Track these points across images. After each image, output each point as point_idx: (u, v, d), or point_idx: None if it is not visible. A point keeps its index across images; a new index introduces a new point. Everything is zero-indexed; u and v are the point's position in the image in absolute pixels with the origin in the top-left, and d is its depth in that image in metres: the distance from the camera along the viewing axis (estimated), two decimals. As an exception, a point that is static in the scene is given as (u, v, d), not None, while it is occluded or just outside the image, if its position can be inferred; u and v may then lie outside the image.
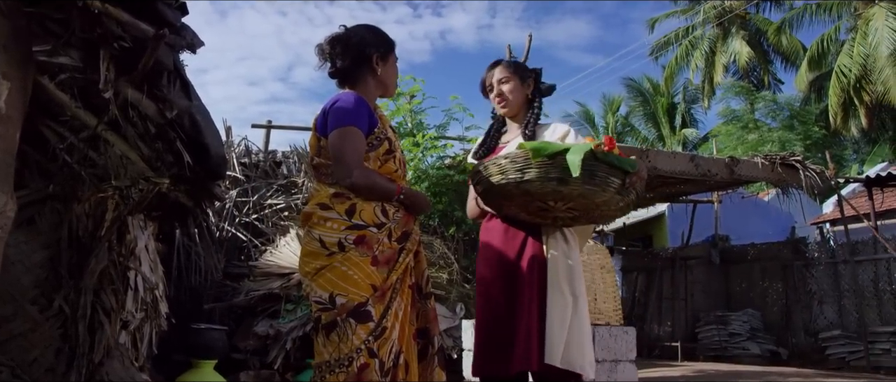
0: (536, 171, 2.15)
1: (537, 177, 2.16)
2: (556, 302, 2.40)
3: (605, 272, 5.33)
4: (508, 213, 2.49)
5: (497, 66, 2.72)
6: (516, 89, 2.67)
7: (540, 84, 2.73)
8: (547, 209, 2.30)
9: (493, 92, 2.70)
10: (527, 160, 2.17)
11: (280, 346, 5.03)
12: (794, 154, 6.28)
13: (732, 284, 11.53)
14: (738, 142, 18.01)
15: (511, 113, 2.71)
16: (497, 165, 2.25)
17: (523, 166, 2.18)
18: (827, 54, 17.75)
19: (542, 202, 2.26)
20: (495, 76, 2.70)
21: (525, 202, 2.29)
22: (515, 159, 2.21)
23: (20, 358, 2.89)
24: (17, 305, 2.93)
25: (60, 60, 2.53)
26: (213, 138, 3.11)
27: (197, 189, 3.43)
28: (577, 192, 2.16)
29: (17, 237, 2.87)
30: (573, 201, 2.22)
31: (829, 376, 7.62)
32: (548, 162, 2.14)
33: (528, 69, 2.76)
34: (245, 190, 6.70)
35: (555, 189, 2.16)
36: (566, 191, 2.16)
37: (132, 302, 3.60)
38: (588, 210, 2.30)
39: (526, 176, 2.17)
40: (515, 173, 2.19)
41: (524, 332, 2.35)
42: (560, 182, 2.13)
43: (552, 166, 2.14)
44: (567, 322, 2.38)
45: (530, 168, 2.16)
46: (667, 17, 22.91)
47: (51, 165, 2.92)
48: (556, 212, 2.31)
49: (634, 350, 5.27)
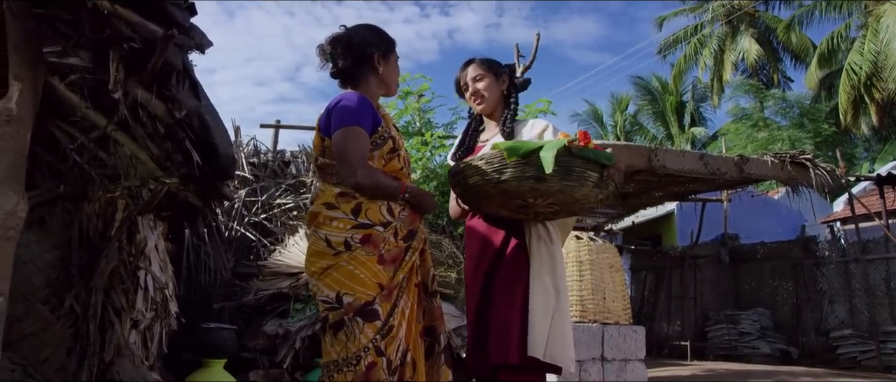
0: (512, 171, 2.16)
1: (513, 176, 2.16)
2: (538, 295, 2.40)
3: (614, 271, 5.32)
4: (488, 212, 2.50)
5: (470, 65, 2.72)
6: (491, 86, 2.67)
7: (514, 79, 2.73)
8: (527, 206, 2.29)
9: (469, 90, 2.70)
10: (502, 160, 2.18)
11: (289, 345, 5.04)
12: (805, 152, 6.22)
13: (742, 283, 11.47)
14: (747, 141, 17.92)
15: (487, 110, 2.70)
16: (473, 167, 2.26)
17: (499, 167, 2.19)
18: (837, 52, 17.62)
19: (522, 199, 2.26)
20: (469, 74, 2.70)
21: (504, 200, 2.29)
22: (491, 160, 2.21)
23: (32, 357, 2.92)
24: (28, 304, 2.95)
25: (70, 61, 2.55)
26: (222, 138, 3.12)
27: (206, 188, 3.44)
28: (555, 188, 2.17)
29: (29, 237, 2.89)
30: (552, 197, 2.22)
31: (840, 375, 7.57)
32: (523, 161, 2.15)
33: (502, 65, 2.75)
34: (254, 189, 6.72)
35: (532, 187, 2.17)
36: (544, 188, 2.17)
37: (142, 301, 3.62)
38: (568, 204, 2.30)
39: (503, 176, 2.18)
40: (492, 174, 2.20)
41: (502, 325, 2.36)
42: (537, 180, 2.14)
43: (527, 165, 2.15)
44: (550, 315, 2.39)
45: (506, 168, 2.17)
46: (675, 16, 22.83)
47: (61, 165, 2.94)
48: (537, 208, 2.31)
49: (643, 349, 5.26)
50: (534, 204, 2.27)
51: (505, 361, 2.33)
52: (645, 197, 8.09)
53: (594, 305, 5.05)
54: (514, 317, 2.36)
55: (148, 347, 3.77)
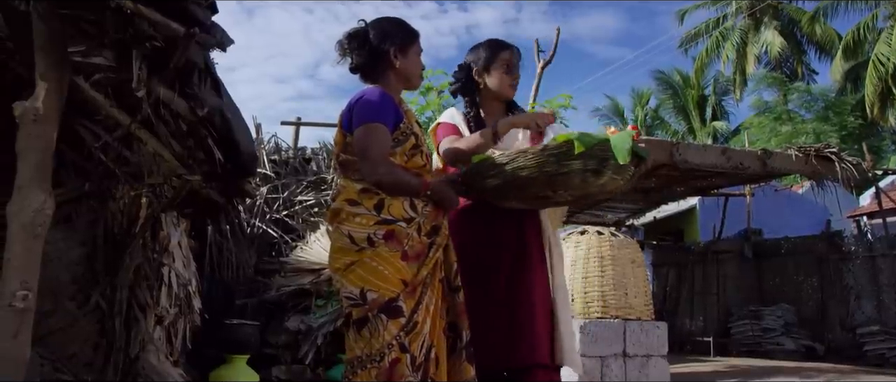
0: (577, 163, 2.09)
1: (577, 168, 2.09)
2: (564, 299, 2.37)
3: (636, 267, 5.28)
4: (508, 205, 2.37)
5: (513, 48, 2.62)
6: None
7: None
8: (547, 197, 2.23)
9: (512, 74, 2.59)
10: (566, 152, 2.09)
11: (311, 341, 5.08)
12: (830, 145, 6.11)
13: (765, 279, 11.32)
14: (770, 134, 17.68)
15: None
16: (529, 158, 2.15)
17: (561, 157, 2.10)
18: (863, 43, 17.32)
19: (551, 191, 2.18)
20: (515, 58, 2.60)
21: (534, 193, 2.21)
22: (554, 151, 2.12)
23: (60, 353, 2.97)
24: (56, 301, 3.00)
25: (95, 61, 2.57)
26: (244, 135, 3.14)
27: (228, 186, 3.46)
28: (602, 181, 2.12)
29: (55, 234, 2.93)
30: (585, 189, 2.16)
31: (867, 373, 7.45)
32: (588, 153, 2.08)
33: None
34: (275, 186, 6.77)
35: (585, 179, 2.11)
36: (594, 180, 2.11)
37: (166, 297, 3.67)
38: (586, 195, 2.26)
39: (563, 169, 2.10)
40: (552, 165, 2.11)
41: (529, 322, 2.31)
42: (595, 173, 2.09)
43: (590, 157, 2.08)
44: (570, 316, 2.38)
45: (572, 159, 2.08)
46: (696, 9, 22.56)
47: (87, 164, 2.98)
48: (557, 199, 2.24)
49: (666, 345, 5.22)
50: (554, 195, 2.21)
51: (542, 361, 2.30)
52: (667, 192, 8.02)
53: (616, 301, 5.02)
54: (540, 315, 2.33)
55: (172, 343, 3.82)
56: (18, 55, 2.45)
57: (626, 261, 5.19)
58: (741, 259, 11.40)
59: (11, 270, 2.11)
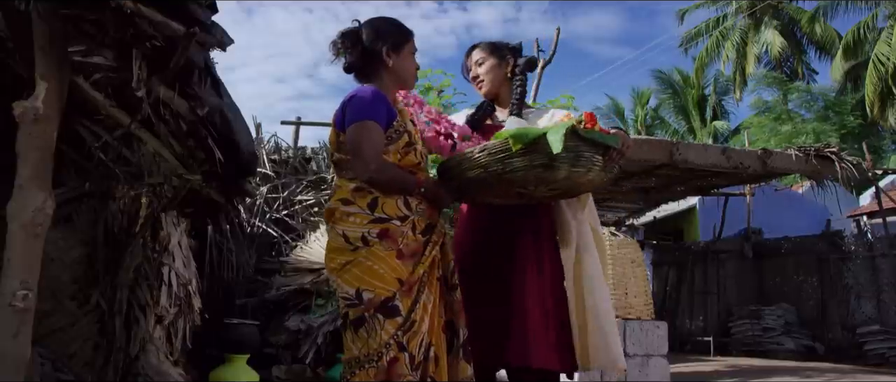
0: (520, 160, 2.02)
1: (521, 166, 2.02)
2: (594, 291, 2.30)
3: (636, 266, 5.29)
4: (483, 202, 2.35)
5: (474, 49, 2.63)
6: (492, 69, 2.57)
7: (518, 61, 2.61)
8: (526, 193, 2.17)
9: (471, 74, 2.62)
10: (507, 149, 2.02)
11: (311, 341, 5.08)
12: (830, 145, 6.13)
13: (766, 278, 11.33)
14: (770, 134, 17.68)
15: (491, 93, 2.59)
16: (471, 159, 2.10)
17: (504, 156, 2.03)
18: (863, 43, 17.30)
19: (523, 187, 2.13)
20: (473, 59, 2.61)
21: (505, 190, 2.16)
22: (493, 150, 2.06)
23: (60, 352, 2.97)
24: (56, 300, 3.00)
25: (95, 60, 2.58)
26: (244, 135, 3.15)
27: (228, 185, 3.47)
28: (563, 175, 2.05)
29: (56, 234, 2.94)
30: (557, 183, 2.11)
31: (867, 372, 7.46)
32: (530, 149, 2.00)
33: (507, 46, 2.64)
34: (275, 186, 6.77)
35: (539, 175, 2.05)
36: (551, 176, 2.05)
37: (166, 297, 3.67)
38: (571, 189, 2.20)
39: (508, 166, 2.03)
40: (495, 165, 2.05)
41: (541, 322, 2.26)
42: (545, 168, 2.02)
43: (536, 153, 2.00)
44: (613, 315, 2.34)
45: (513, 157, 2.02)
46: (696, 8, 22.53)
47: (87, 163, 2.99)
48: (537, 194, 2.19)
49: (666, 344, 5.23)
50: (534, 191, 2.16)
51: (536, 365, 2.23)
52: (667, 192, 8.03)
53: (616, 300, 5.02)
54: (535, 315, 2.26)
55: (172, 342, 3.82)
56: (18, 55, 2.46)
57: (626, 261, 5.19)
58: (741, 258, 11.40)
59: (11, 270, 2.11)
